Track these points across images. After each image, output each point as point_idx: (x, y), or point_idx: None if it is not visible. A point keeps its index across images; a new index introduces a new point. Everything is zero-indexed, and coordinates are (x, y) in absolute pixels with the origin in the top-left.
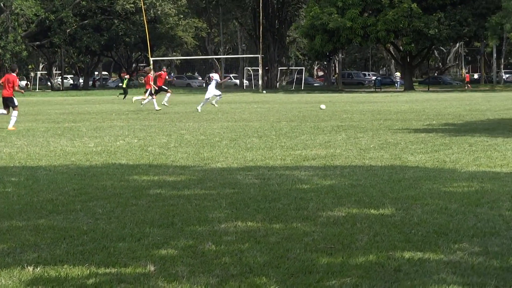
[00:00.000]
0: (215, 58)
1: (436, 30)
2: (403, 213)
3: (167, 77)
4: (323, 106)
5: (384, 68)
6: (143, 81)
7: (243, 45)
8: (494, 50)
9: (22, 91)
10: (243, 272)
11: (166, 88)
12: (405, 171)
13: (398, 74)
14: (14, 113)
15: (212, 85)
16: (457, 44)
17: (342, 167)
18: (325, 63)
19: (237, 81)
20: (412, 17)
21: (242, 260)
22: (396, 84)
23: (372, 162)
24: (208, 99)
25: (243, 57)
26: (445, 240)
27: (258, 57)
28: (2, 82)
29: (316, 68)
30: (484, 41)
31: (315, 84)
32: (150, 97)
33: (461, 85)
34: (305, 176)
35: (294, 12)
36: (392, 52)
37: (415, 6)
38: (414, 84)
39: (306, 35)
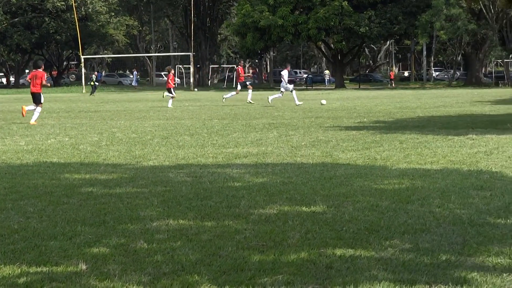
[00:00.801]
0: (147, 56)
1: (367, 28)
2: (335, 211)
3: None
4: (323, 102)
5: (316, 66)
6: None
7: (175, 43)
8: (424, 48)
9: (49, 84)
10: (175, 270)
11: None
12: (336, 169)
13: (327, 72)
14: (38, 109)
15: (285, 80)
16: (388, 42)
17: (274, 165)
18: (257, 61)
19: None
20: (343, 15)
21: (174, 258)
22: (325, 82)
23: (303, 159)
24: (283, 92)
25: (175, 55)
26: (376, 237)
27: (189, 55)
28: (30, 79)
29: (247, 66)
30: (414, 39)
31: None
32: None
33: (391, 83)
34: (237, 174)
35: (226, 10)
36: (323, 50)
37: (346, 4)
38: (345, 81)
39: (237, 33)
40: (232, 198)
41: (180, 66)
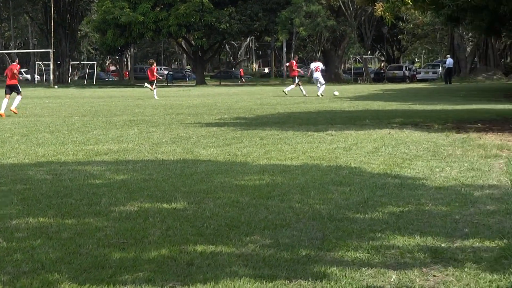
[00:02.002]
0: (6, 53)
1: (228, 25)
2: (195, 207)
3: None
4: (336, 93)
5: (176, 63)
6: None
7: (34, 39)
8: (284, 44)
9: (20, 77)
10: (35, 269)
11: None
12: (197, 165)
13: (188, 67)
14: (18, 97)
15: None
16: (248, 39)
17: (135, 162)
18: (117, 57)
19: (29, 76)
20: (203, 12)
21: (34, 256)
22: (186, 78)
23: (164, 156)
24: (323, 84)
25: (34, 52)
26: (236, 233)
27: (49, 51)
28: (6, 74)
29: (108, 62)
30: (274, 35)
31: (107, 79)
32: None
33: (251, 79)
34: (98, 171)
35: (86, 6)
36: (184, 46)
37: (207, 1)
38: (206, 78)
39: (98, 30)
40: (92, 195)
41: (40, 63)
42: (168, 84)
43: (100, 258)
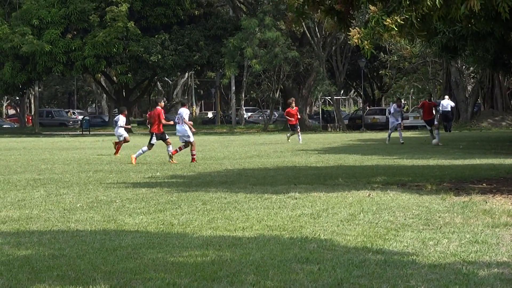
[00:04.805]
0: None
1: (159, 56)
2: None
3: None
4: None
5: (94, 105)
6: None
7: None
8: (233, 82)
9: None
10: None
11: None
12: (121, 237)
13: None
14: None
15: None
16: (186, 75)
17: (41, 233)
18: (18, 98)
19: None
20: (128, 40)
21: None
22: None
23: (79, 226)
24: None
25: None
26: None
27: None
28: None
29: (5, 105)
30: (220, 70)
31: (4, 126)
32: None
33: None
34: None
35: None
36: (104, 84)
37: (133, 25)
38: (132, 125)
39: None
40: None
41: None
42: (84, 133)
43: None
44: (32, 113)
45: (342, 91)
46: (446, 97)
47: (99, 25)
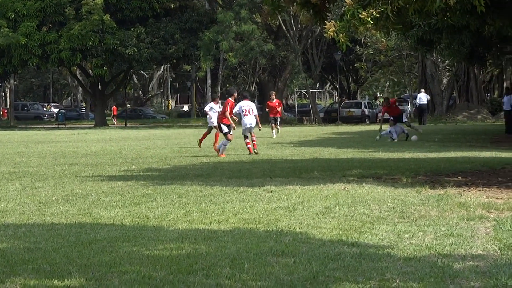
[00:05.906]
0: None
1: (135, 49)
2: (95, 284)
3: None
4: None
5: (70, 98)
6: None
7: None
8: (209, 75)
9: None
10: None
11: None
12: (97, 231)
13: (83, 104)
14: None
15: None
16: (162, 68)
17: (16, 226)
18: None
19: None
20: (104, 33)
21: None
22: (82, 118)
23: (54, 219)
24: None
25: None
26: None
27: None
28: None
29: None
30: (196, 63)
31: None
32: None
33: (167, 119)
34: None
35: None
36: (79, 77)
37: (108, 18)
38: (107, 118)
39: None
40: None
41: None
42: (59, 126)
43: None
44: (8, 106)
45: (318, 84)
46: (422, 90)
47: (75, 18)
